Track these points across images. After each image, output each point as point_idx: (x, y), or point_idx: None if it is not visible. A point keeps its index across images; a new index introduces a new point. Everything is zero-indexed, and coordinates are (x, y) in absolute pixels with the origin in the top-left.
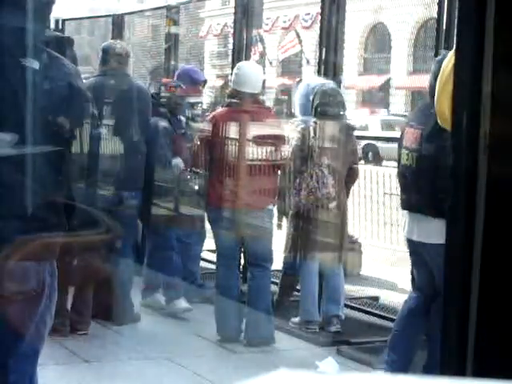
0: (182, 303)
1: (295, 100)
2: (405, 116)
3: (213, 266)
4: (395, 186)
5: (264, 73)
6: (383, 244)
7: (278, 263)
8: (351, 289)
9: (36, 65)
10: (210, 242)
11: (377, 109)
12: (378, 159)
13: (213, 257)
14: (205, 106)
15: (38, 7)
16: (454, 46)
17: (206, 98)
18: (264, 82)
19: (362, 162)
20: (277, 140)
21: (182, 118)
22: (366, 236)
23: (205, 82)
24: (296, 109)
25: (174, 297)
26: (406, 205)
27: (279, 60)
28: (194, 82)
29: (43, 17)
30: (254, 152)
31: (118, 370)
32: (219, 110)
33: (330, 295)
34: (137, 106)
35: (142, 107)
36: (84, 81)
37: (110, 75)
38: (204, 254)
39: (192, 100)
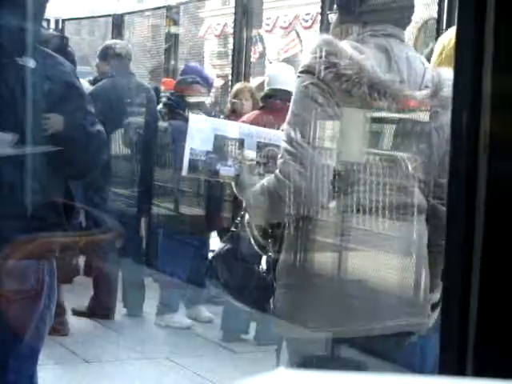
0: (203, 312)
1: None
2: None
3: None
4: None
5: (264, 73)
6: None
7: None
8: None
9: (32, 63)
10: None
11: None
12: None
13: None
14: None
15: (33, 5)
16: (454, 45)
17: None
18: (264, 81)
19: None
20: None
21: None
22: None
23: (213, 82)
24: None
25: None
26: None
27: (279, 60)
28: (206, 82)
29: (38, 15)
30: None
31: (118, 369)
32: (251, 112)
33: None
34: (146, 106)
35: (150, 107)
36: (85, 81)
37: (119, 76)
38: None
39: (199, 100)
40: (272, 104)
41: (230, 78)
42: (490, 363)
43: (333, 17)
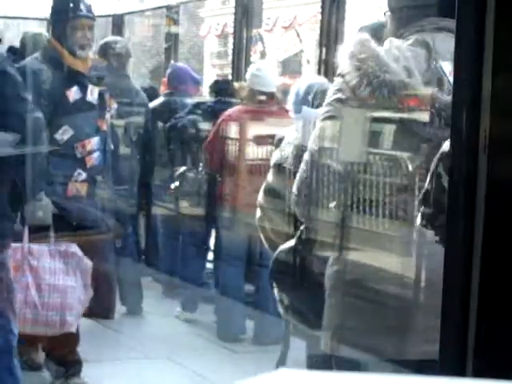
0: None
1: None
2: None
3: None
4: None
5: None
6: None
7: None
8: None
9: None
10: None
11: None
12: None
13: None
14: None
15: None
16: (454, 45)
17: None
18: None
19: None
20: None
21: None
22: None
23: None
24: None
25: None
26: None
27: (279, 60)
28: (196, 82)
29: None
30: (269, 152)
31: (118, 369)
32: (235, 107)
33: None
34: (135, 108)
35: (140, 110)
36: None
37: (112, 74)
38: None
39: (194, 100)
40: (254, 101)
41: (230, 77)
42: (490, 363)
43: (389, 15)
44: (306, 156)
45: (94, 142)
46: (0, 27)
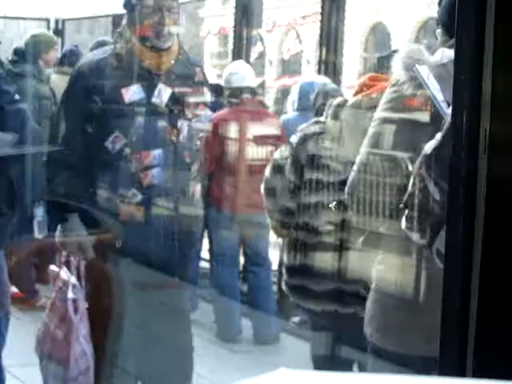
0: None
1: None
2: None
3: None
4: None
5: (264, 73)
6: None
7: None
8: None
9: None
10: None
11: None
12: None
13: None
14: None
15: None
16: (454, 45)
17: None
18: (264, 82)
19: None
20: (278, 139)
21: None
22: None
23: None
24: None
25: None
26: None
27: (279, 60)
28: None
29: None
30: (256, 152)
31: None
32: (222, 111)
33: None
34: None
35: None
36: None
37: None
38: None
39: (196, 100)
40: (239, 100)
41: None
42: (490, 363)
43: (439, 32)
44: (358, 159)
45: (154, 154)
46: (0, 27)
